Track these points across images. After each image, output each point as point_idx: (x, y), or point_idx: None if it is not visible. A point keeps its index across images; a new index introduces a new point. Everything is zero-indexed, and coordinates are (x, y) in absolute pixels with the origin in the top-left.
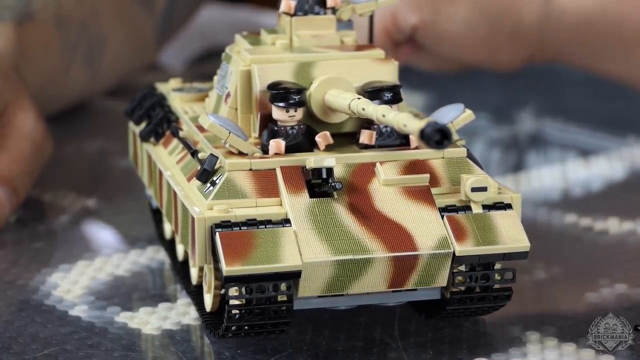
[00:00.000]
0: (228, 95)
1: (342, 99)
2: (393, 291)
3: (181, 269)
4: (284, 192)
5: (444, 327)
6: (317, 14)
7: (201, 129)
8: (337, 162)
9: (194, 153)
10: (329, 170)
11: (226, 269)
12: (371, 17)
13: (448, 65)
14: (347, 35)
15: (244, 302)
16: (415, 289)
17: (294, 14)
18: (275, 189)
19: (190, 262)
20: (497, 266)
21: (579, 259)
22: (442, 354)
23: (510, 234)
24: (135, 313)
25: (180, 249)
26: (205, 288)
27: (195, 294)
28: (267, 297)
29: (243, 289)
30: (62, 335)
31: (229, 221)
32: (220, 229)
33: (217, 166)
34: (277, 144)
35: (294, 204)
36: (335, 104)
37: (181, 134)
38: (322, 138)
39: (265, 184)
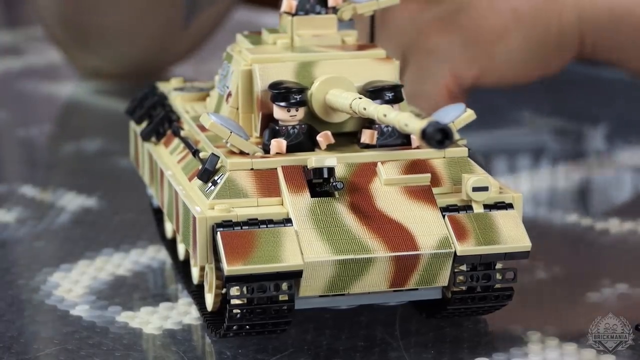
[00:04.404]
0: (229, 94)
1: (343, 99)
2: (394, 291)
3: (182, 268)
4: (285, 191)
5: (445, 326)
6: (319, 13)
7: (202, 128)
8: (338, 162)
9: (195, 152)
10: (330, 170)
11: (227, 268)
12: (372, 17)
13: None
14: (348, 34)
15: (245, 301)
16: (417, 289)
17: (295, 14)
18: (277, 189)
19: (192, 262)
20: (499, 266)
21: (580, 258)
22: (443, 354)
23: (512, 234)
24: (137, 313)
25: (181, 249)
26: (206, 287)
27: (197, 293)
28: (268, 296)
29: (244, 289)
30: (63, 334)
31: (230, 221)
32: (221, 229)
33: (218, 166)
34: (278, 144)
35: (295, 203)
36: (337, 103)
37: (182, 133)
38: (324, 137)
39: (267, 183)
